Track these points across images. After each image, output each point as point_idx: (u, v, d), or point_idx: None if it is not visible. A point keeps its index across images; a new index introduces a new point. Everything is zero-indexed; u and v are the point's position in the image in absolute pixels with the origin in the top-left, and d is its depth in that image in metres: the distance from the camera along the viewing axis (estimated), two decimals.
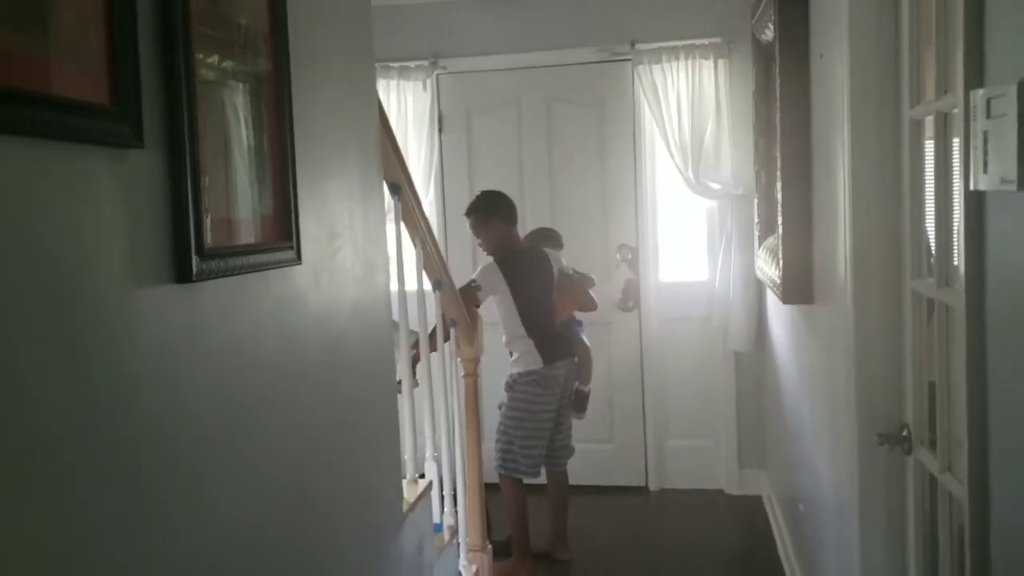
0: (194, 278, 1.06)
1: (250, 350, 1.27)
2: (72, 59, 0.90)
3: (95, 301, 0.92)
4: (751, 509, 4.17)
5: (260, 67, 1.33)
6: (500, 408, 3.63)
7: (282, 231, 1.36)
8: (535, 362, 3.51)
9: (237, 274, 1.20)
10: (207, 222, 1.10)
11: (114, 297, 0.95)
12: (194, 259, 1.06)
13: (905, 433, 1.79)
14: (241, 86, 1.28)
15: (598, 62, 4.38)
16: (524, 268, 3.58)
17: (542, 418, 3.54)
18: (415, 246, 2.51)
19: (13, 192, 0.81)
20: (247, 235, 1.27)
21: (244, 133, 1.28)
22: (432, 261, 2.62)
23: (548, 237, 3.91)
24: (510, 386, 3.57)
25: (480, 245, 3.69)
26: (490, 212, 3.60)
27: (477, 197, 3.69)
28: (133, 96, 0.96)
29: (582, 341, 3.85)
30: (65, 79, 0.88)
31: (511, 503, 3.57)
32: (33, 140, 0.84)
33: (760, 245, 3.66)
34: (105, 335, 0.94)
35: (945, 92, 1.51)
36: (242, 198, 1.26)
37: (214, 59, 1.19)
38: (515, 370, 3.56)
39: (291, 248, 1.38)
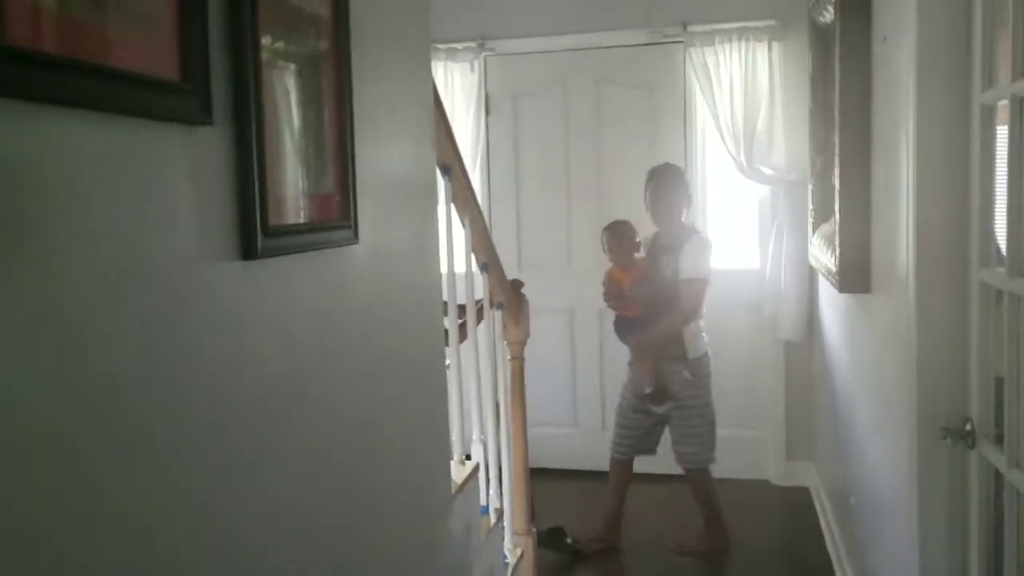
0: (259, 255, 1.07)
1: (311, 328, 1.27)
2: (144, 35, 0.90)
3: (166, 276, 0.92)
4: (798, 501, 4.12)
5: (321, 48, 1.32)
6: (662, 406, 3.51)
7: (341, 210, 1.36)
8: (705, 343, 3.54)
9: (298, 252, 1.20)
10: (272, 200, 1.10)
11: (185, 272, 0.96)
12: (259, 236, 1.06)
13: (968, 427, 1.74)
14: (303, 67, 1.28)
15: (648, 44, 4.32)
16: None
17: None
18: (464, 228, 2.50)
19: (89, 166, 0.82)
20: (308, 214, 1.27)
21: (306, 113, 1.27)
22: (481, 243, 2.61)
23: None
24: (697, 373, 3.50)
25: (653, 212, 3.60)
26: (685, 190, 3.63)
27: (672, 166, 3.66)
28: (202, 73, 0.96)
29: None
30: (137, 55, 0.88)
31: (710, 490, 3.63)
32: (109, 115, 0.84)
33: (814, 232, 3.59)
34: (176, 310, 0.94)
35: (1022, 75, 1.46)
36: (304, 177, 1.26)
37: (278, 40, 1.19)
38: (700, 352, 3.52)
39: (349, 227, 1.38)
